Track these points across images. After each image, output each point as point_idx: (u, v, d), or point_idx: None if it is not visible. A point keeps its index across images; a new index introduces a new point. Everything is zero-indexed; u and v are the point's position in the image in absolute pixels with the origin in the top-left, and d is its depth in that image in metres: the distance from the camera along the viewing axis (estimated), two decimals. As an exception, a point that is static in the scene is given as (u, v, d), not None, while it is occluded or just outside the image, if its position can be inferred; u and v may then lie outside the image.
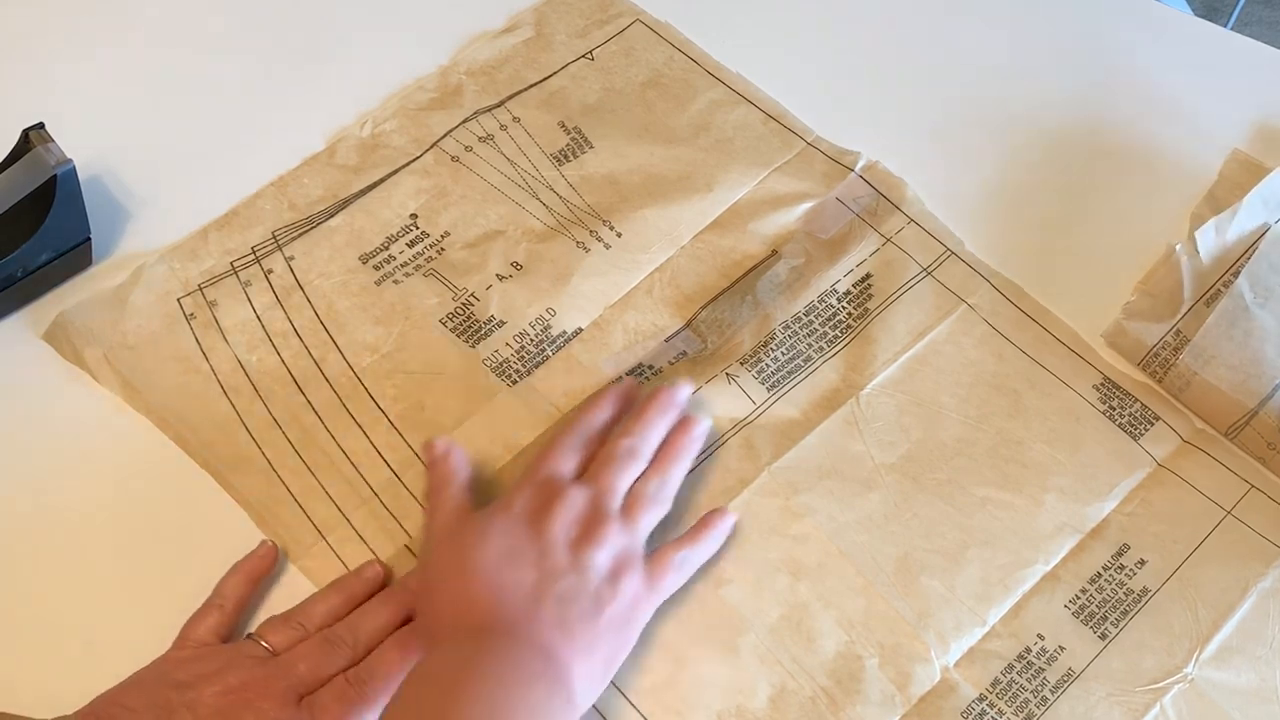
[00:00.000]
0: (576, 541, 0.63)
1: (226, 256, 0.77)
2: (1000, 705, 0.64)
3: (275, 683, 0.61)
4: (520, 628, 0.60)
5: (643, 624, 0.64)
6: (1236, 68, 0.90)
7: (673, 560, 0.66)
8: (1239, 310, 0.72)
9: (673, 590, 0.66)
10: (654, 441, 0.68)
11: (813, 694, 0.64)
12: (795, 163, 0.83)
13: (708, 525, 0.68)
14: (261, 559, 0.67)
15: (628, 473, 0.67)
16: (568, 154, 0.83)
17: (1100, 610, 0.67)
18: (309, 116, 0.84)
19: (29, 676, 0.63)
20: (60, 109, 0.76)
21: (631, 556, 0.64)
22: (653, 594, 0.65)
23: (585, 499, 0.65)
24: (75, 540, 0.69)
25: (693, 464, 0.69)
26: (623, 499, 0.66)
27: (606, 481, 0.66)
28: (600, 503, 0.65)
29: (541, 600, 0.61)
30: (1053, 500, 0.70)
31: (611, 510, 0.65)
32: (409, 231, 0.79)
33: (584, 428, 0.69)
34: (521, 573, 0.62)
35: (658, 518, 0.67)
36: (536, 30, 0.89)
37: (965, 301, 0.77)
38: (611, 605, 0.62)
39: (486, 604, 0.61)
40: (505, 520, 0.64)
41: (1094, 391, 0.74)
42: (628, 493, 0.67)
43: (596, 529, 0.64)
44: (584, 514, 0.64)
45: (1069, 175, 0.84)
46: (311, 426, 0.72)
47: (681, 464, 0.68)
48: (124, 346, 0.74)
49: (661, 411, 0.69)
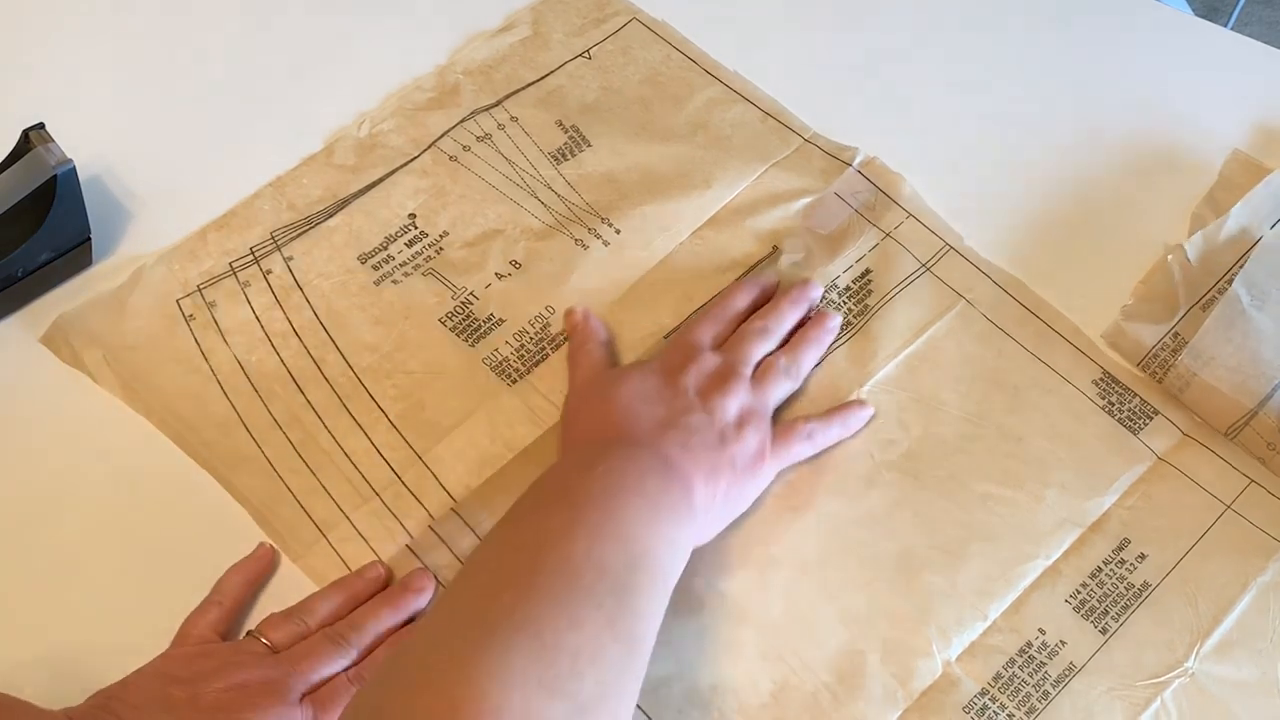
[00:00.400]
0: (706, 390, 0.69)
1: (225, 257, 0.79)
2: (1002, 700, 0.65)
3: (277, 680, 0.62)
4: (644, 442, 0.66)
5: (763, 484, 0.70)
6: (1236, 68, 0.91)
7: (802, 430, 0.71)
8: (1236, 312, 0.74)
9: (797, 459, 0.71)
10: (787, 326, 0.75)
11: (814, 690, 0.65)
12: (793, 159, 0.84)
13: (845, 409, 0.73)
14: (258, 560, 0.69)
15: (760, 347, 0.73)
16: (566, 153, 0.84)
17: (1101, 605, 0.68)
18: (307, 117, 0.85)
19: (30, 676, 0.64)
20: (60, 109, 0.77)
21: (759, 413, 0.70)
22: (777, 456, 0.70)
23: (718, 361, 0.71)
24: (76, 540, 0.70)
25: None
26: (754, 370, 0.72)
27: (740, 352, 0.72)
28: (733, 365, 0.71)
29: (668, 426, 0.66)
30: (1053, 495, 0.71)
31: (743, 373, 0.71)
32: (407, 231, 0.80)
33: (722, 311, 0.75)
34: (655, 408, 0.68)
35: (787, 391, 0.73)
36: (533, 29, 0.90)
37: (964, 297, 0.78)
38: (735, 445, 0.67)
39: (617, 424, 0.67)
40: (642, 370, 0.71)
41: (1093, 387, 0.75)
42: (759, 365, 0.73)
43: (727, 382, 0.70)
44: (717, 371, 0.70)
45: (1068, 175, 0.85)
46: (312, 426, 0.73)
47: (813, 348, 0.75)
48: (124, 348, 0.75)
49: (795, 303, 0.76)
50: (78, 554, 0.69)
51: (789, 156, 0.84)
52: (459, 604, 0.57)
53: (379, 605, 0.66)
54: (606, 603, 0.55)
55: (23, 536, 0.70)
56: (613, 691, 0.54)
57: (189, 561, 0.68)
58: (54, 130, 0.74)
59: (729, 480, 0.66)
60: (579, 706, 0.51)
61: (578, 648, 0.53)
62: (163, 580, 0.68)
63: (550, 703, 0.51)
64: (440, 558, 0.69)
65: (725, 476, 0.66)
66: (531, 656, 0.51)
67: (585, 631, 0.53)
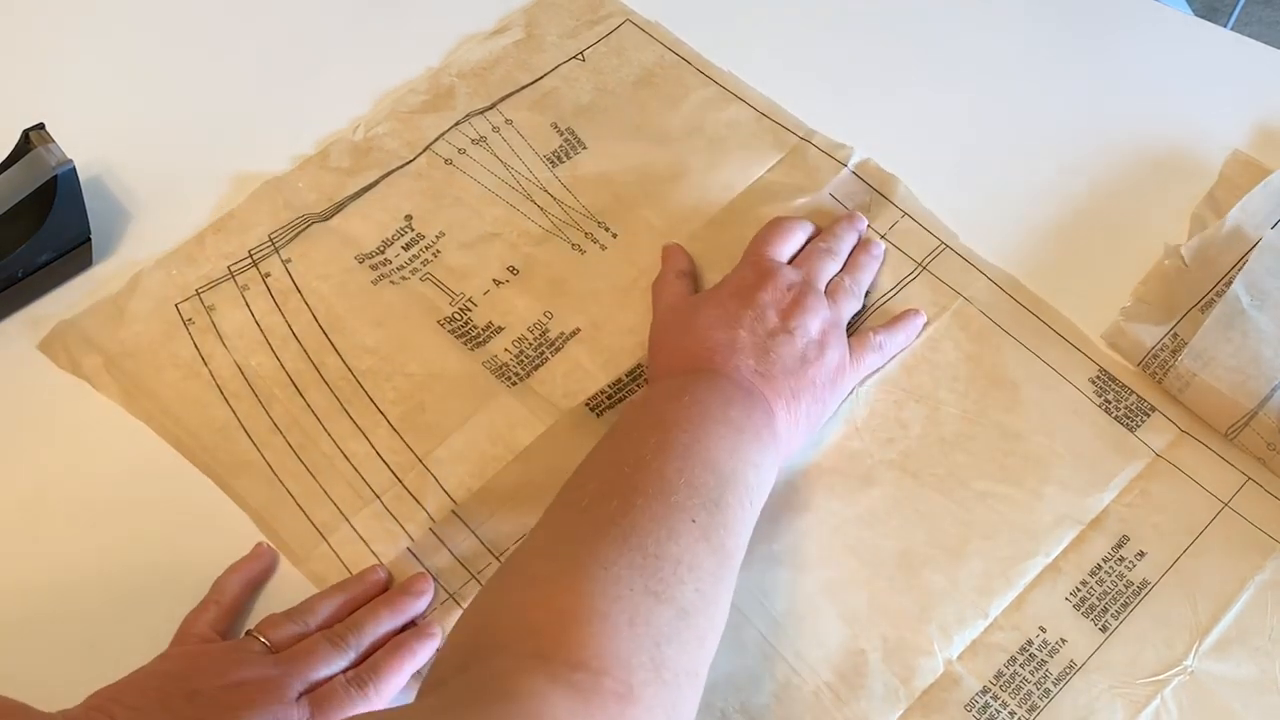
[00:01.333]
0: (788, 309, 0.74)
1: (223, 261, 0.81)
2: (1004, 697, 0.67)
3: (274, 679, 0.63)
4: (726, 372, 0.70)
5: (842, 394, 0.75)
6: (1236, 68, 0.92)
7: (873, 340, 0.77)
8: (1236, 313, 0.75)
9: (871, 370, 0.77)
10: (847, 248, 0.81)
11: (816, 689, 0.67)
12: (789, 160, 0.86)
13: (905, 318, 0.79)
14: (257, 559, 0.71)
15: (830, 266, 0.79)
16: (561, 155, 0.86)
17: (1101, 603, 0.70)
18: (302, 120, 0.88)
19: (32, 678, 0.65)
20: (60, 109, 0.79)
21: (837, 328, 0.75)
22: (855, 368, 0.75)
23: (794, 278, 0.75)
24: (78, 543, 0.71)
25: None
26: (825, 286, 0.77)
27: (814, 268, 0.78)
28: (810, 281, 0.76)
29: (749, 353, 0.71)
30: (1052, 492, 0.73)
31: (820, 290, 0.76)
32: (404, 234, 0.82)
33: (787, 230, 0.80)
34: (733, 332, 0.72)
35: (853, 309, 0.78)
36: (527, 32, 0.93)
37: (961, 295, 0.80)
38: (816, 364, 0.72)
39: (698, 355, 0.72)
40: (720, 294, 0.75)
41: (1090, 384, 0.77)
42: (829, 284, 0.78)
43: (806, 299, 0.74)
44: (795, 285, 0.75)
45: (1068, 175, 0.86)
46: (312, 430, 0.75)
47: (868, 270, 0.81)
48: (123, 354, 0.77)
49: (853, 228, 0.82)
50: (77, 558, 0.71)
51: (785, 158, 0.86)
52: (562, 520, 0.62)
53: (379, 607, 0.68)
54: (700, 516, 0.60)
55: (23, 540, 0.72)
56: (710, 598, 0.59)
57: (189, 566, 0.70)
58: (54, 130, 0.76)
59: (810, 399, 0.71)
60: (681, 610, 0.57)
61: (678, 556, 0.58)
62: (163, 584, 0.70)
63: (657, 607, 0.56)
64: (441, 560, 0.71)
65: (806, 396, 0.71)
66: (635, 566, 0.57)
67: (682, 542, 0.59)
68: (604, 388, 0.77)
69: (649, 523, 0.59)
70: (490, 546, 0.71)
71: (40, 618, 0.70)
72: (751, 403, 0.69)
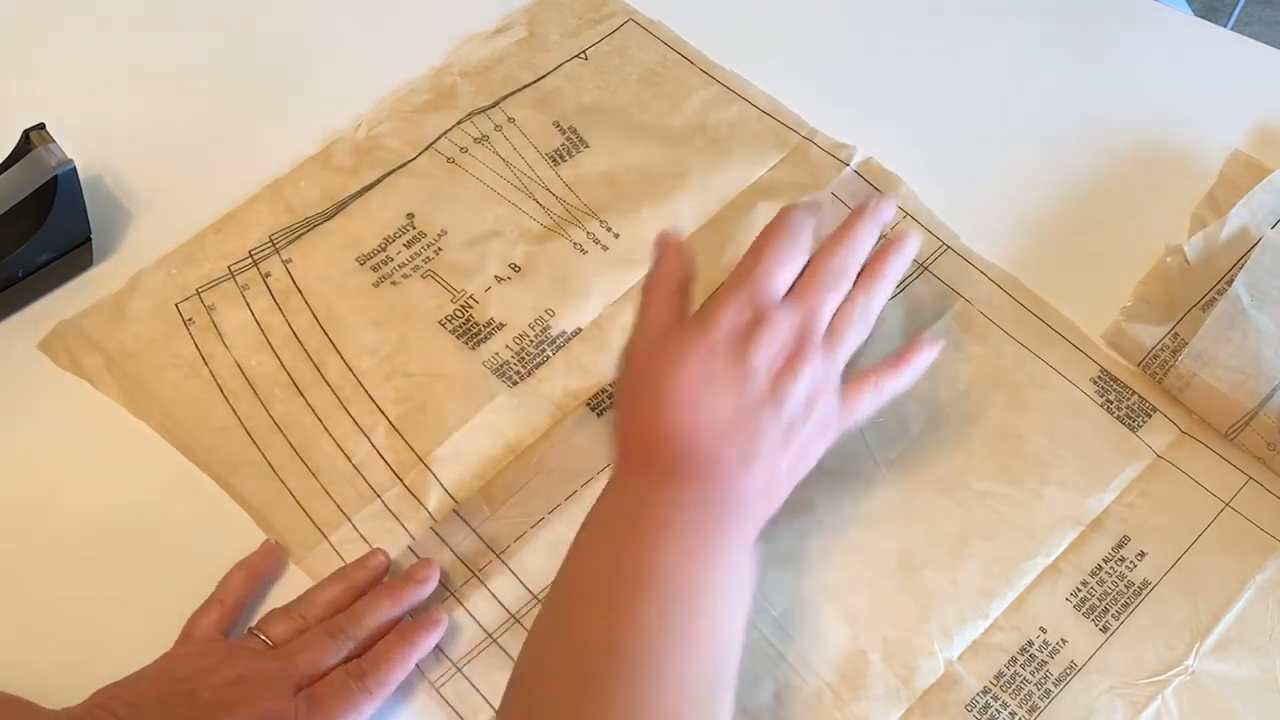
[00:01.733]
0: (779, 372, 0.64)
1: (224, 260, 0.81)
2: (1004, 698, 0.67)
3: (272, 674, 0.64)
4: (702, 467, 0.63)
5: (826, 446, 0.67)
6: (1236, 68, 0.93)
7: (870, 384, 0.69)
8: (1236, 312, 0.75)
9: (865, 416, 0.69)
10: (861, 256, 0.69)
11: (817, 690, 0.68)
12: (791, 159, 0.86)
13: (913, 355, 0.70)
14: (264, 557, 0.71)
15: (835, 294, 0.68)
16: (563, 154, 0.87)
17: (1101, 603, 0.70)
18: (303, 120, 0.88)
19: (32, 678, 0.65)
20: (60, 109, 0.80)
21: (828, 384, 0.66)
22: (844, 419, 0.68)
23: (792, 324, 0.66)
24: (78, 544, 0.72)
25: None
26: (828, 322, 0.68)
27: (814, 306, 0.67)
28: (807, 328, 0.66)
29: (730, 433, 0.63)
30: (1053, 493, 0.73)
31: (816, 339, 0.66)
32: (405, 232, 0.83)
33: (793, 226, 0.69)
34: (717, 400, 0.63)
35: (859, 342, 0.68)
36: (529, 30, 0.93)
37: (962, 295, 0.80)
38: (800, 432, 0.64)
39: (675, 437, 0.64)
40: (707, 343, 0.65)
41: (1091, 384, 0.77)
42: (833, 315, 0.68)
43: (801, 357, 0.65)
44: (788, 342, 0.65)
45: (1068, 175, 0.87)
46: (312, 429, 0.75)
47: (886, 285, 0.70)
48: (123, 354, 0.78)
49: (868, 226, 0.70)
50: (79, 558, 0.72)
51: (787, 157, 0.87)
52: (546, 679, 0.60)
53: (379, 597, 0.69)
54: (690, 690, 0.58)
55: (24, 540, 0.72)
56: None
57: (191, 566, 0.70)
58: (54, 130, 0.76)
59: (790, 464, 0.65)
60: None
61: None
62: (164, 584, 0.70)
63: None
64: (442, 558, 0.71)
65: (785, 466, 0.65)
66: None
67: (669, 702, 0.57)
68: (605, 387, 0.77)
69: (631, 696, 0.57)
70: (491, 545, 0.72)
71: (41, 617, 0.70)
72: (726, 508, 0.63)
